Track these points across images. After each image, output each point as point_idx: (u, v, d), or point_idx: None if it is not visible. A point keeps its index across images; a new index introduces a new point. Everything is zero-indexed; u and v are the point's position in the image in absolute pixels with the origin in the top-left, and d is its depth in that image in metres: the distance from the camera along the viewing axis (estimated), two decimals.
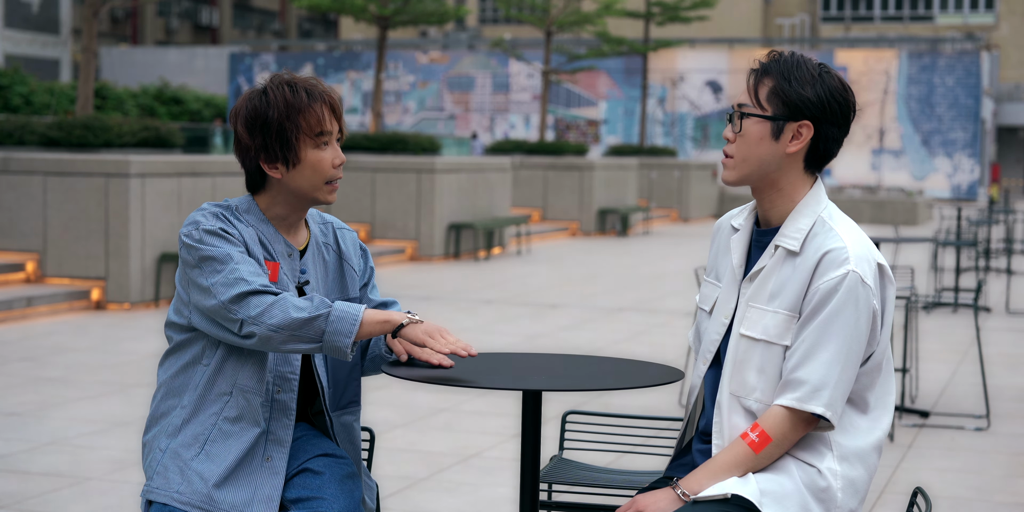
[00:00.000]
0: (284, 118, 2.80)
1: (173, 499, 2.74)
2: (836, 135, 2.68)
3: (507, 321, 10.52)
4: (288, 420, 2.84)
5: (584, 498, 4.03)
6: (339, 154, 2.88)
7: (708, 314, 2.82)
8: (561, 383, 2.74)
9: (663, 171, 26.83)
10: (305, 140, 2.82)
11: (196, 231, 2.78)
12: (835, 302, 2.58)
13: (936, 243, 11.30)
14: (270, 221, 2.89)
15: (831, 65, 33.15)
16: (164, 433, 2.83)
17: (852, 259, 2.60)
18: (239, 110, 2.84)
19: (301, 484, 2.80)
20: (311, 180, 2.84)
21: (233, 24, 57.53)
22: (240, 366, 2.81)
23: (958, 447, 6.19)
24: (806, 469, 2.62)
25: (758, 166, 2.68)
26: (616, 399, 7.06)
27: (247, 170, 2.89)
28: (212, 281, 2.72)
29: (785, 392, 2.61)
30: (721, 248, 2.85)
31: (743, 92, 2.71)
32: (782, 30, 52.93)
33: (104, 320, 10.01)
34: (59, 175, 10.72)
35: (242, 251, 2.78)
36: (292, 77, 2.87)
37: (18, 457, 5.62)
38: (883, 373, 2.70)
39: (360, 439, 3.05)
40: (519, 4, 25.94)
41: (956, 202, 36.50)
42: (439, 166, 15.98)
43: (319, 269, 2.95)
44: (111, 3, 13.98)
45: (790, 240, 2.66)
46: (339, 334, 2.67)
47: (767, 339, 2.65)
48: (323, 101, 2.85)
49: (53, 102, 27.69)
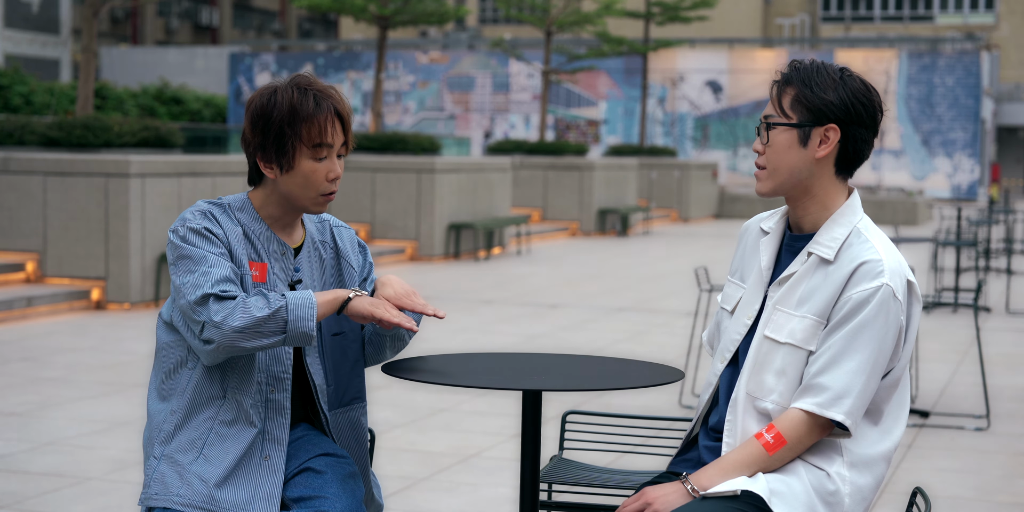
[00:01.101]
0: (285, 123, 2.77)
1: (174, 502, 2.73)
2: (865, 136, 2.70)
3: (507, 321, 10.52)
4: (284, 419, 2.83)
5: (584, 498, 4.04)
6: (335, 168, 2.82)
7: (730, 314, 2.83)
8: (561, 383, 2.74)
9: (663, 171, 26.83)
10: (302, 149, 2.79)
11: (181, 228, 2.78)
12: (866, 313, 2.60)
13: (936, 243, 11.30)
14: (264, 220, 2.88)
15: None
16: (157, 440, 2.82)
17: (887, 273, 2.62)
18: (251, 103, 2.83)
19: (303, 483, 2.80)
20: (303, 189, 2.82)
21: (233, 24, 57.53)
22: (229, 368, 2.80)
23: (958, 447, 6.20)
24: (815, 472, 2.62)
25: (789, 174, 2.70)
26: (616, 399, 7.06)
27: (249, 162, 2.89)
28: (185, 280, 2.72)
29: (806, 396, 2.62)
30: (748, 249, 2.86)
31: (768, 104, 2.74)
32: (782, 30, 52.92)
33: (104, 320, 10.01)
34: (59, 175, 10.72)
35: (221, 252, 2.77)
36: (309, 82, 2.83)
37: (18, 457, 5.62)
38: (900, 388, 2.72)
39: (367, 436, 3.04)
40: (519, 4, 25.93)
41: (956, 202, 36.50)
42: (439, 166, 15.98)
43: (315, 267, 2.94)
44: (111, 3, 13.97)
45: (825, 248, 2.68)
46: (302, 319, 2.68)
47: (792, 343, 2.66)
48: (330, 112, 2.80)
49: (53, 102, 27.68)
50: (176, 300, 2.76)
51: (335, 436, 2.95)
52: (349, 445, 2.97)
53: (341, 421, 2.96)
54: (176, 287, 2.74)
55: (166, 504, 2.74)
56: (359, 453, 3.00)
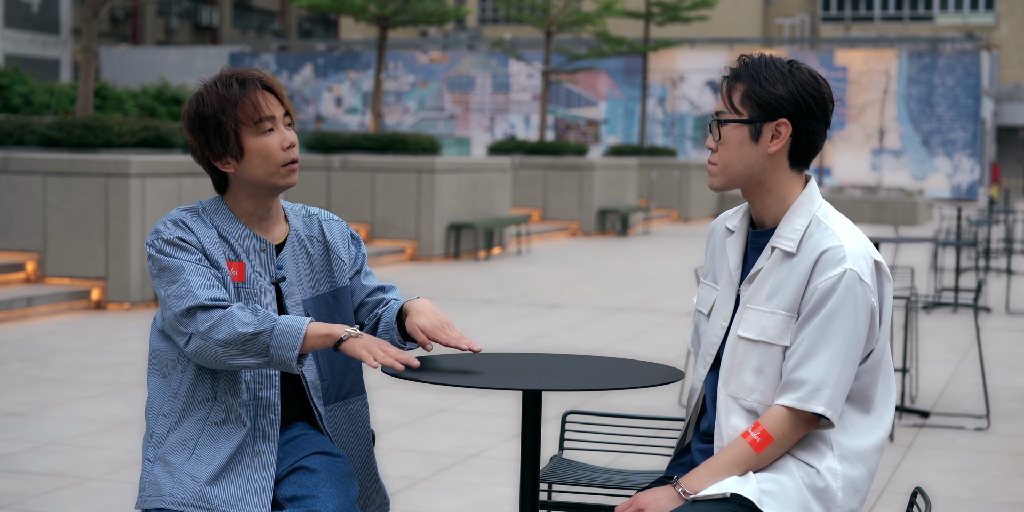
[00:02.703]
0: (219, 112, 2.79)
1: (167, 502, 2.74)
2: (817, 128, 2.68)
3: (507, 321, 10.52)
4: (274, 416, 2.84)
5: (584, 498, 4.04)
6: (287, 136, 2.85)
7: (706, 317, 2.82)
8: (561, 383, 2.74)
9: (663, 171, 26.83)
10: (245, 130, 2.81)
11: (156, 241, 2.80)
12: (833, 301, 2.59)
13: (936, 243, 11.30)
14: (239, 218, 2.88)
15: (831, 65, 32.86)
16: (150, 444, 2.84)
17: (849, 257, 2.60)
18: (183, 115, 2.85)
19: (296, 482, 2.80)
20: (263, 168, 2.83)
21: (233, 24, 57.53)
22: (219, 370, 2.81)
23: (958, 447, 6.19)
24: (806, 469, 2.62)
25: (742, 170, 2.69)
26: (616, 399, 7.06)
27: (208, 172, 2.90)
28: (168, 292, 2.75)
29: (786, 392, 2.61)
30: (717, 250, 2.86)
31: (719, 100, 2.73)
32: (782, 30, 52.92)
33: (104, 320, 10.01)
34: (59, 175, 10.72)
35: (198, 259, 2.78)
36: (231, 72, 2.86)
37: (18, 457, 5.62)
38: (883, 371, 2.71)
39: (368, 429, 3.03)
40: (519, 4, 25.93)
41: (956, 202, 36.50)
42: (439, 166, 15.98)
43: (301, 263, 2.94)
44: (111, 3, 13.97)
45: (786, 241, 2.67)
46: (284, 348, 2.68)
47: (765, 340, 2.65)
48: (258, 87, 2.83)
49: (53, 102, 27.68)
50: (163, 311, 2.78)
51: (332, 431, 2.94)
52: (347, 439, 2.97)
53: (339, 415, 2.95)
54: (162, 299, 2.77)
55: (159, 505, 2.75)
56: (358, 447, 2.99)
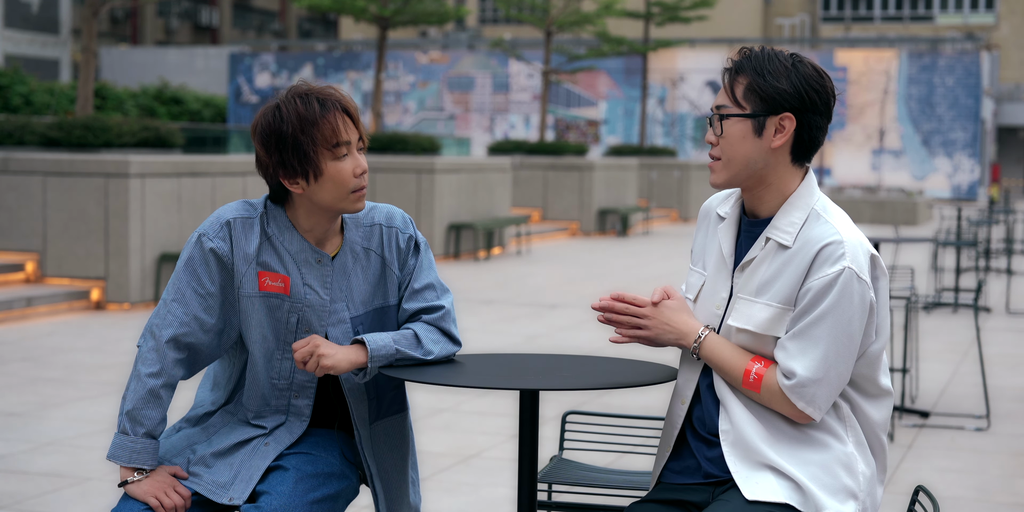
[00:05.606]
0: (299, 132, 2.73)
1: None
2: (819, 123, 2.65)
3: (507, 321, 10.52)
4: (301, 423, 2.90)
5: (584, 498, 4.03)
6: (360, 163, 2.80)
7: (693, 303, 2.79)
8: (559, 383, 2.74)
9: (663, 171, 26.83)
10: (323, 152, 2.75)
11: (201, 240, 2.83)
12: (830, 299, 2.56)
13: (936, 243, 11.29)
14: (297, 229, 2.85)
15: (831, 65, 32.78)
16: (184, 416, 2.96)
17: (848, 255, 2.57)
18: (256, 127, 2.79)
19: (269, 479, 2.81)
20: (334, 193, 2.78)
21: (233, 24, 57.54)
22: (263, 369, 2.88)
23: (958, 447, 6.19)
24: (835, 447, 2.62)
25: (745, 165, 2.66)
26: (615, 399, 7.06)
27: (270, 186, 2.84)
28: (164, 295, 2.85)
29: (782, 375, 2.60)
30: (709, 235, 2.81)
31: (720, 93, 2.69)
32: (782, 30, 52.93)
33: (104, 320, 10.01)
34: (59, 175, 10.72)
35: (201, 293, 2.81)
36: (308, 88, 2.80)
37: (18, 457, 5.62)
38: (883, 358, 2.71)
39: (407, 444, 3.02)
40: (519, 4, 25.93)
41: (956, 202, 36.50)
42: (439, 166, 15.98)
43: (357, 277, 2.89)
44: (111, 3, 13.97)
45: (783, 234, 2.64)
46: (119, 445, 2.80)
47: (756, 330, 2.64)
48: (338, 110, 2.77)
49: (53, 102, 27.68)
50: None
51: (370, 447, 2.92)
52: (381, 453, 2.95)
53: (379, 433, 2.94)
54: (166, 290, 2.86)
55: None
56: (392, 460, 2.97)
